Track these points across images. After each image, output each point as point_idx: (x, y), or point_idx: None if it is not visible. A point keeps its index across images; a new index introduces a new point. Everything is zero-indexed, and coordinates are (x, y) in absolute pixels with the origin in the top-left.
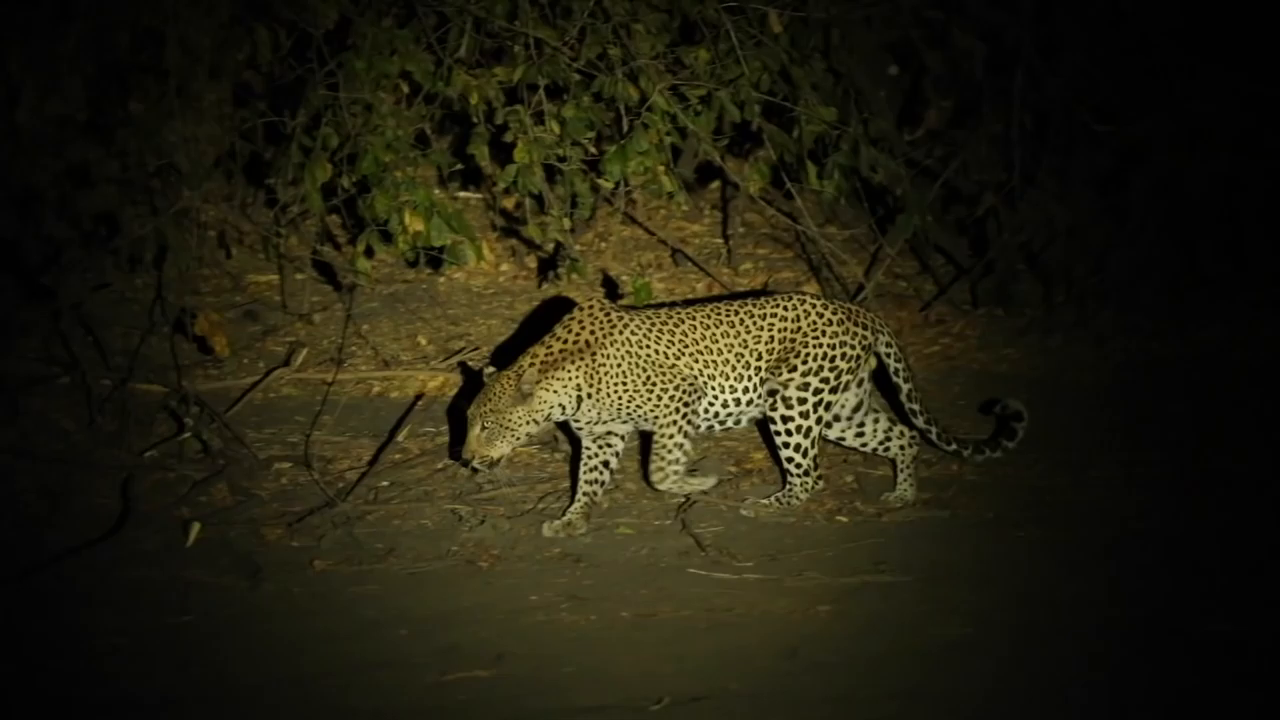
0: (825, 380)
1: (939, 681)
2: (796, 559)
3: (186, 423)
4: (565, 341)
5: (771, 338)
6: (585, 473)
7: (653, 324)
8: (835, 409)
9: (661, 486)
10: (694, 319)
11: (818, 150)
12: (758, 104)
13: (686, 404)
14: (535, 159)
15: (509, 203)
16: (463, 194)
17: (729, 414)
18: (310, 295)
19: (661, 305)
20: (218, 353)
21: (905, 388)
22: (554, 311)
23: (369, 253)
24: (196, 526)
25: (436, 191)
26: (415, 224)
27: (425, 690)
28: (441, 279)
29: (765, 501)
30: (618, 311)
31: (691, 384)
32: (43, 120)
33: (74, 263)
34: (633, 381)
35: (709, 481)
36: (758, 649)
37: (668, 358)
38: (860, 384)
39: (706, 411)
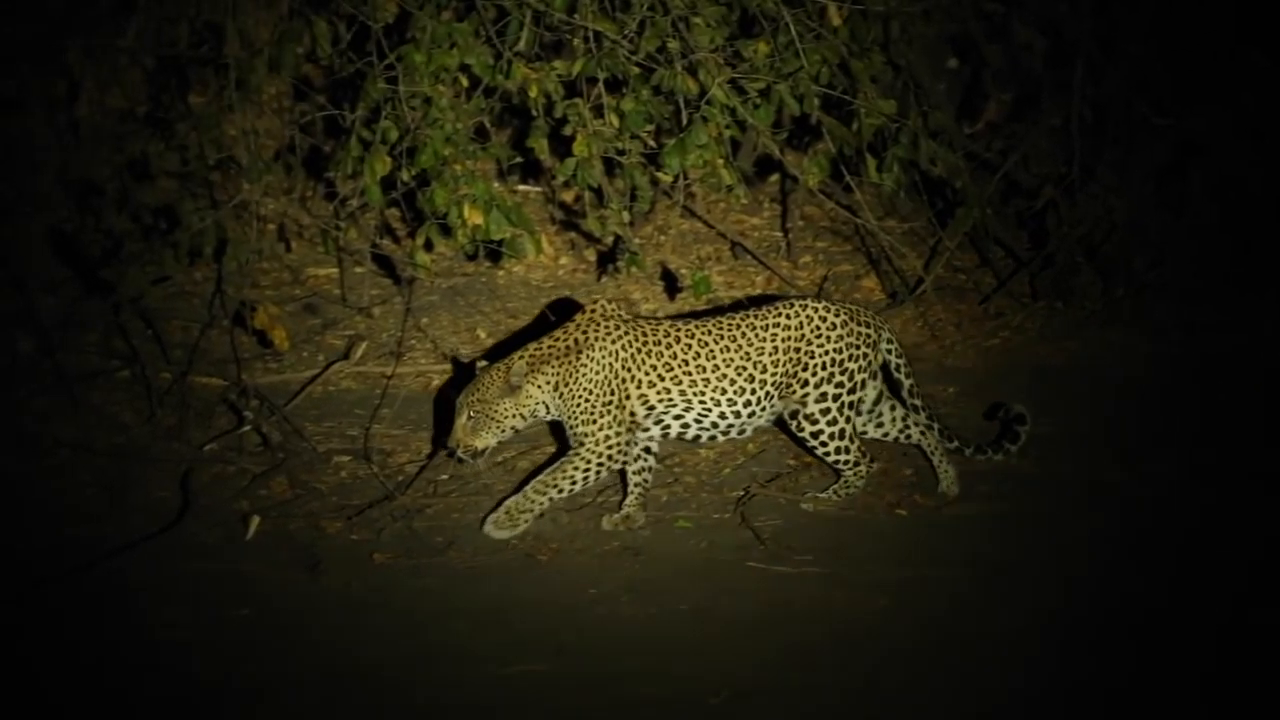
0: (841, 385)
1: (997, 676)
2: (855, 553)
3: (246, 416)
4: (558, 340)
5: (776, 348)
6: (630, 463)
7: (648, 338)
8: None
9: (497, 530)
10: (696, 333)
11: (877, 143)
12: (817, 97)
13: (611, 458)
14: (594, 152)
15: (568, 196)
16: (522, 187)
17: (729, 425)
18: (369, 288)
19: (671, 317)
20: (277, 346)
21: (907, 383)
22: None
23: (428, 246)
24: (256, 520)
25: (496, 185)
26: (474, 217)
27: (484, 683)
28: (501, 272)
29: (824, 495)
30: (618, 320)
31: (626, 436)
32: (103, 114)
33: (134, 256)
34: (595, 398)
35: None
36: (817, 643)
37: (639, 385)
38: (875, 377)
39: (702, 420)
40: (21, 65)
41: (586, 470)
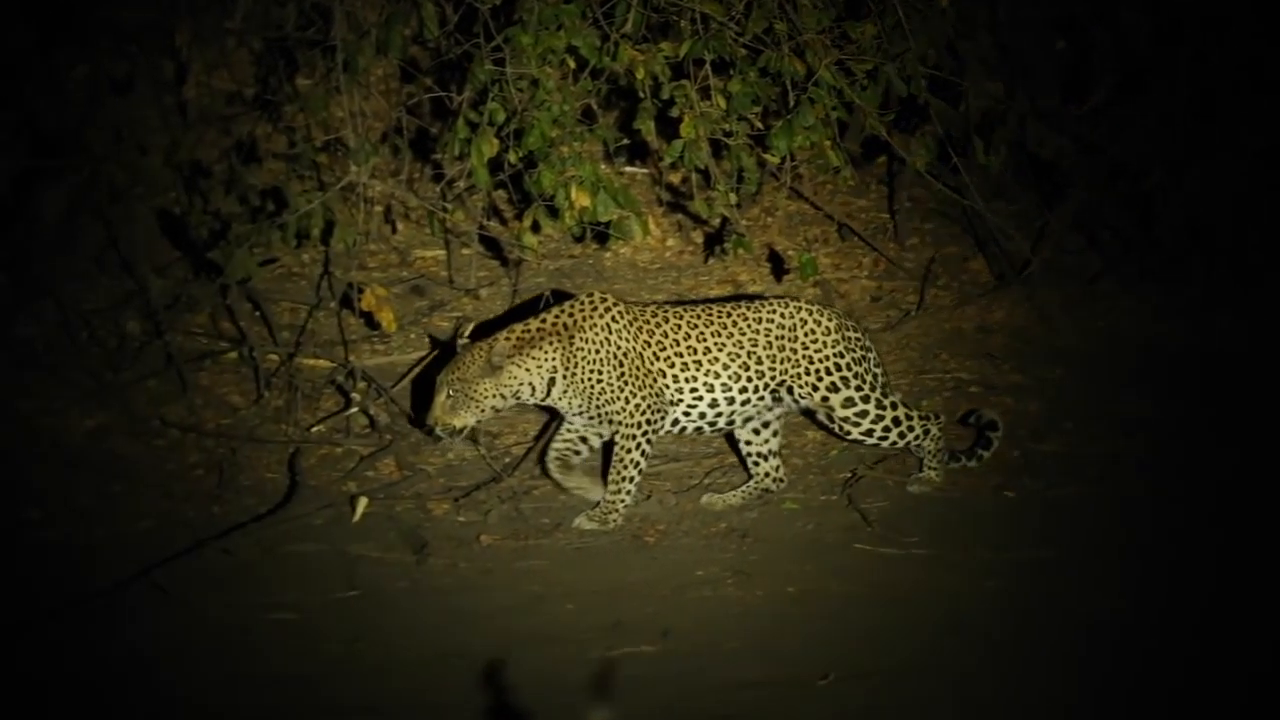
0: (860, 378)
1: (1104, 658)
2: (963, 535)
3: (353, 398)
4: (545, 322)
5: (770, 343)
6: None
7: (639, 321)
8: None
9: (589, 523)
10: (688, 319)
11: (984, 125)
12: (924, 79)
13: (651, 421)
14: (701, 134)
15: (675, 178)
16: (629, 169)
17: (719, 414)
18: (476, 270)
19: (663, 303)
20: (384, 328)
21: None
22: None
23: (535, 228)
24: (364, 501)
25: (603, 167)
26: (581, 199)
27: (591, 665)
28: (607, 254)
29: (924, 475)
30: (607, 302)
31: (659, 399)
32: (211, 96)
33: (241, 238)
34: (607, 373)
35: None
36: (924, 625)
37: (647, 359)
38: (791, 392)
39: (690, 412)
40: (130, 48)
41: (635, 443)
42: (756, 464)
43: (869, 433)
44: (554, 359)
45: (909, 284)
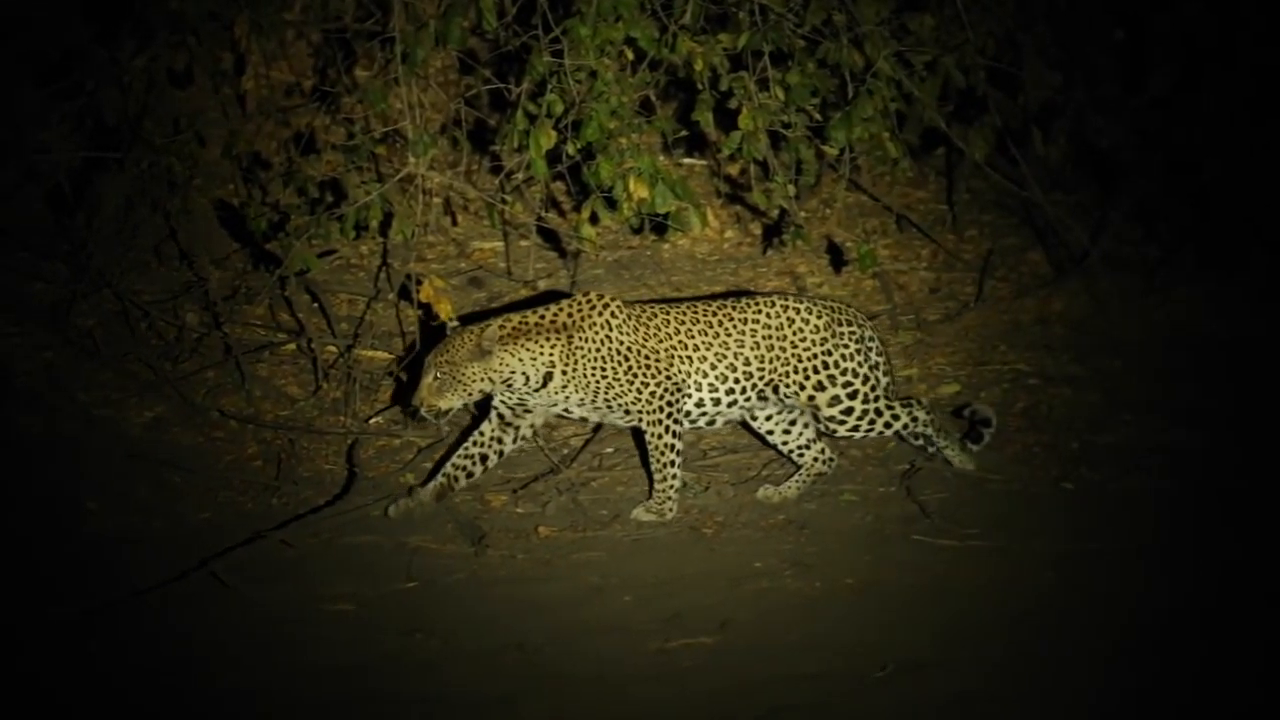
0: (848, 376)
1: (1165, 650)
2: (1021, 526)
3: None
4: (544, 318)
5: (757, 343)
6: (458, 456)
7: (638, 317)
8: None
9: (647, 514)
10: (680, 317)
11: (1043, 116)
12: (982, 70)
13: (670, 403)
14: (760, 125)
15: (733, 169)
16: (687, 160)
17: (703, 413)
18: (534, 262)
19: (649, 302)
20: (442, 319)
21: (884, 381)
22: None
23: (593, 219)
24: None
25: (661, 158)
26: (640, 190)
27: (648, 657)
28: (666, 245)
29: (950, 458)
30: (606, 300)
31: (675, 382)
32: (269, 88)
33: (300, 229)
34: (611, 368)
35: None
36: (982, 617)
37: (653, 351)
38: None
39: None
40: (189, 39)
41: (663, 427)
42: (800, 455)
43: (855, 429)
44: (551, 355)
45: (967, 275)
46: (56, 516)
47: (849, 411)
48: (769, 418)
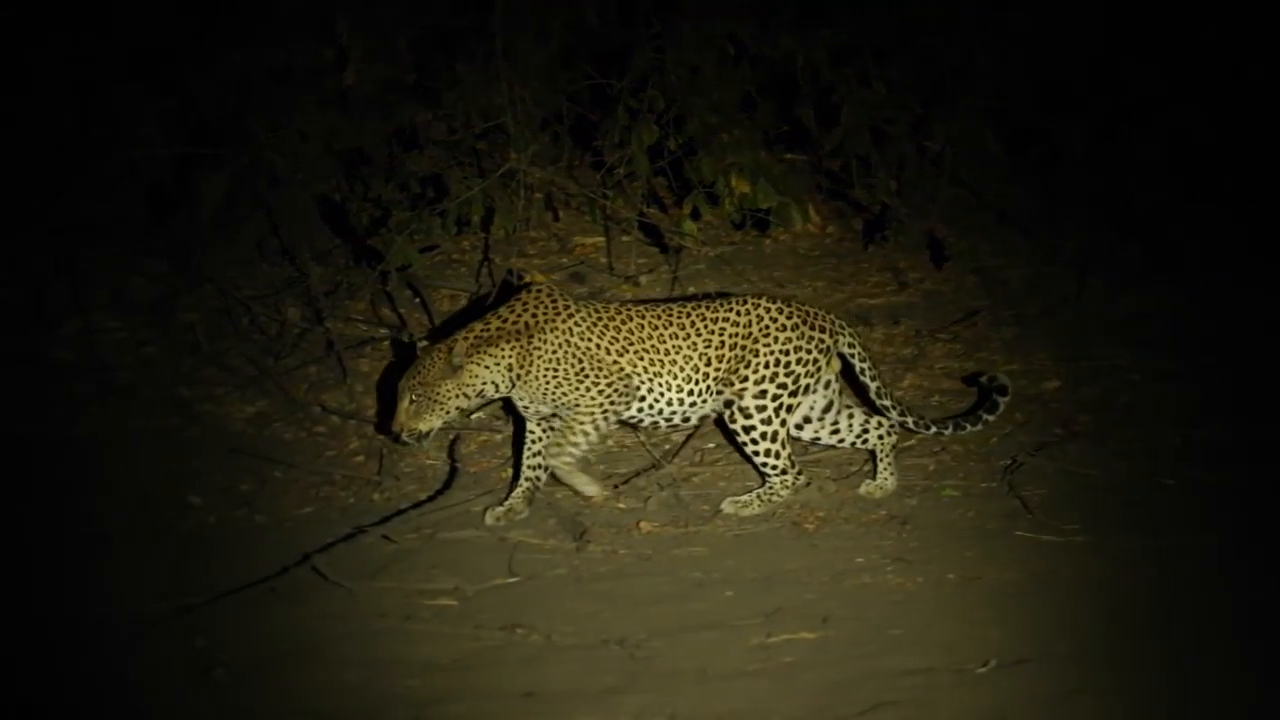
0: (783, 385)
1: (1268, 645)
2: (1123, 522)
3: None
4: (505, 321)
5: (723, 342)
6: (527, 457)
7: (598, 318)
8: (802, 411)
9: (553, 462)
10: (644, 318)
11: (1141, 112)
12: (1081, 66)
13: (613, 402)
14: (861, 121)
15: (835, 164)
16: (789, 156)
17: (674, 412)
18: (636, 257)
19: (614, 302)
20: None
21: (874, 385)
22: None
23: (695, 215)
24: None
25: (762, 154)
26: (741, 186)
27: (750, 651)
28: (767, 241)
29: (743, 499)
30: (564, 300)
31: (625, 384)
32: (370, 83)
33: (401, 225)
34: (564, 370)
35: (592, 488)
36: (1084, 613)
37: (607, 353)
38: (827, 386)
39: (652, 409)
40: (289, 35)
41: (592, 420)
42: (864, 440)
43: (749, 428)
44: (510, 357)
45: (1066, 271)
46: (159, 512)
47: (750, 416)
48: (809, 423)
